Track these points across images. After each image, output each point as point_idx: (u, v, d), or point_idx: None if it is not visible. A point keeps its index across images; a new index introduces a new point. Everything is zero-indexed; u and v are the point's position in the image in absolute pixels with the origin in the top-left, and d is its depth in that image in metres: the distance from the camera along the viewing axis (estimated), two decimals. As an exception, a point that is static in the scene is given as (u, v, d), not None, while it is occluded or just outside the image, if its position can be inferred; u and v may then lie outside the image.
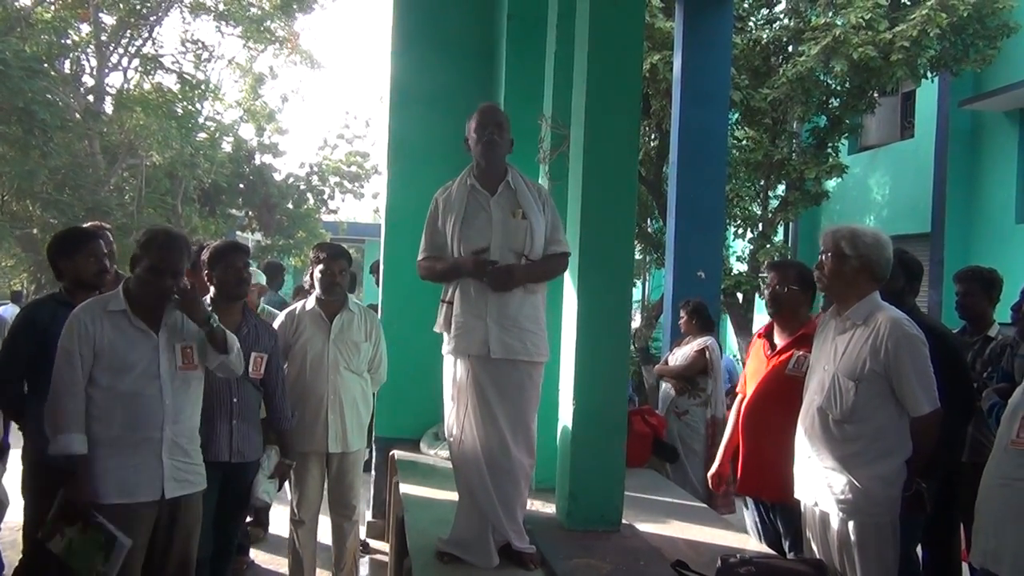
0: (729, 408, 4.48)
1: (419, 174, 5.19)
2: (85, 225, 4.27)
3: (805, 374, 3.44)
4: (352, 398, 4.39)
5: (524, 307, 3.26)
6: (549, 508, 3.96)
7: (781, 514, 3.69)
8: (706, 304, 6.24)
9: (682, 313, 6.06)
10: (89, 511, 2.94)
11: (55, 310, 3.44)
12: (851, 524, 3.07)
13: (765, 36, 10.18)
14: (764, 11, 10.55)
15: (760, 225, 10.60)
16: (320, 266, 4.38)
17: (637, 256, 12.48)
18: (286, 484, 4.31)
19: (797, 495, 3.32)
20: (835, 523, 3.13)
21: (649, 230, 11.90)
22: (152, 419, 3.03)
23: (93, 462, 2.97)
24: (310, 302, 4.46)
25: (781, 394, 3.58)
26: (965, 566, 3.96)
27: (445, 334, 3.32)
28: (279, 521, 5.43)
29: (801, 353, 3.58)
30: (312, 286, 5.70)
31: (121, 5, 15.10)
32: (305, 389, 4.32)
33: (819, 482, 3.17)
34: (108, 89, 15.48)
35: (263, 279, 5.55)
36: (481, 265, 3.21)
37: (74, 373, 2.97)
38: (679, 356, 6.04)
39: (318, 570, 4.65)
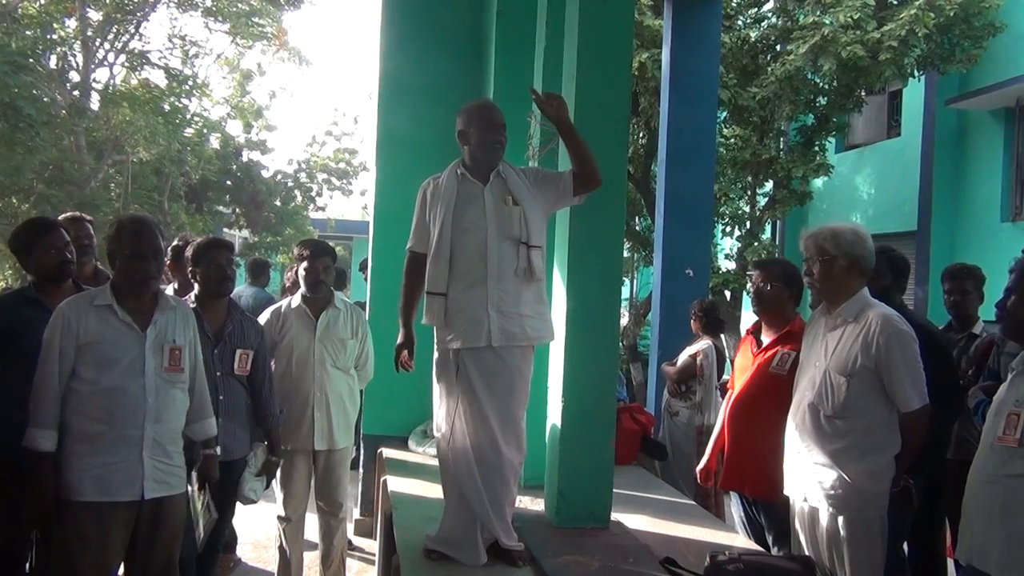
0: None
1: (408, 170, 5.15)
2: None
3: (789, 372, 3.46)
4: (338, 395, 4.38)
5: (525, 294, 3.25)
6: (538, 505, 3.96)
7: (765, 509, 3.71)
8: (718, 306, 6.25)
9: (693, 312, 6.05)
10: (57, 506, 2.91)
11: (18, 305, 3.38)
12: (840, 520, 3.10)
13: (753, 35, 10.20)
14: (752, 10, 10.57)
15: (748, 223, 10.63)
16: (304, 263, 4.37)
17: (626, 254, 12.49)
18: (273, 482, 4.29)
19: (787, 491, 3.33)
20: (824, 518, 3.15)
21: (637, 228, 11.91)
22: (133, 416, 2.98)
23: (72, 458, 2.94)
24: (296, 299, 4.44)
25: (766, 391, 3.60)
26: (950, 562, 3.98)
27: (439, 330, 3.30)
28: (266, 519, 5.41)
29: (785, 351, 3.60)
30: (295, 284, 5.70)
31: (107, 0, 14.99)
32: (291, 386, 4.30)
33: (809, 478, 3.19)
34: (94, 85, 15.37)
35: None
36: (405, 345, 3.38)
37: (52, 367, 2.94)
38: (681, 356, 6.05)
39: (305, 568, 4.64)
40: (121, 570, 3.19)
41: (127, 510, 3.00)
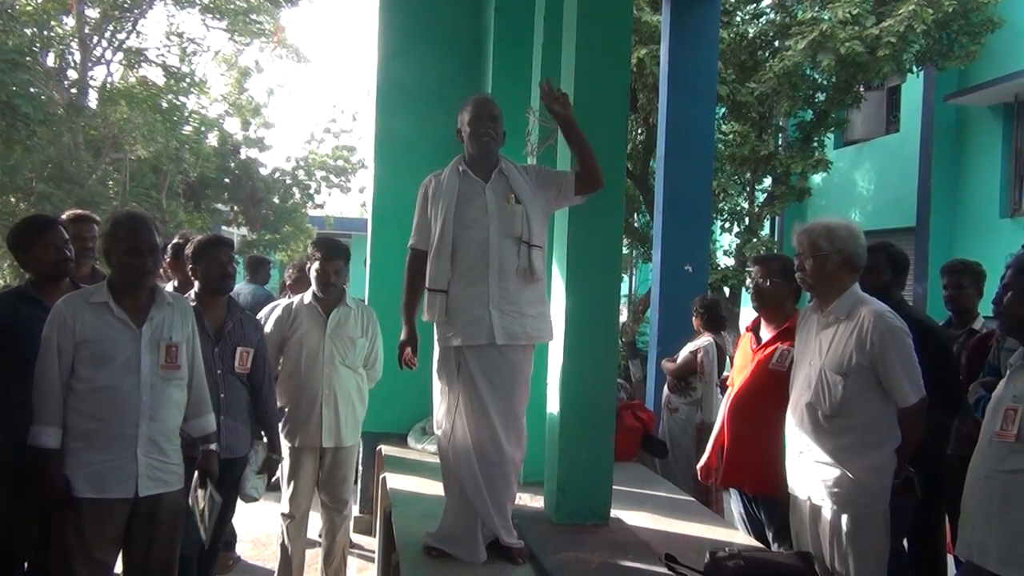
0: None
1: (406, 167, 5.16)
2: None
3: (788, 368, 3.46)
4: (347, 393, 4.37)
5: (526, 293, 3.25)
6: (537, 502, 3.96)
7: (764, 506, 3.71)
8: (719, 302, 6.25)
9: (694, 309, 6.06)
10: (67, 504, 2.91)
11: (15, 303, 3.37)
12: (845, 516, 3.09)
13: (752, 31, 10.20)
14: (751, 6, 10.56)
15: (747, 219, 10.64)
16: (316, 264, 4.35)
17: (624, 251, 12.49)
18: (280, 479, 4.29)
19: (790, 490, 3.33)
20: (828, 515, 3.14)
21: (636, 224, 11.91)
22: (128, 414, 2.97)
23: (67, 455, 2.93)
24: (307, 296, 4.43)
25: (766, 388, 3.60)
26: (950, 558, 3.99)
27: (440, 327, 3.30)
28: (265, 517, 5.41)
29: (785, 347, 3.60)
30: (297, 281, 5.68)
31: (104, -3, 14.97)
32: (300, 383, 4.31)
33: (812, 476, 3.19)
34: (92, 83, 15.34)
35: None
36: (408, 342, 3.36)
37: (50, 364, 2.93)
38: (682, 353, 6.06)
39: (305, 566, 4.63)
40: (120, 568, 3.19)
41: (121, 507, 3.00)
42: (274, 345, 4.32)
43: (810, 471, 3.19)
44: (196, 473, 3.32)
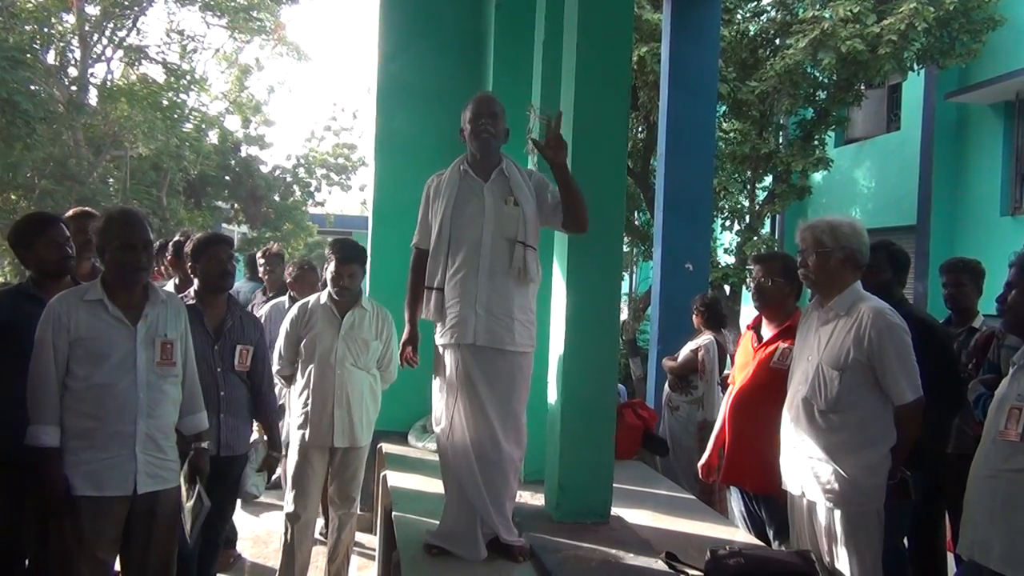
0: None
1: (407, 166, 5.16)
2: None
3: (789, 367, 3.46)
4: (359, 394, 4.37)
5: (516, 297, 3.23)
6: (538, 500, 3.95)
7: (765, 504, 3.71)
8: (719, 300, 6.25)
9: (695, 307, 6.05)
10: (68, 504, 2.90)
11: (16, 301, 3.36)
12: (837, 513, 3.10)
13: (753, 29, 10.19)
14: (752, 4, 10.55)
15: (747, 217, 10.64)
16: (331, 266, 4.35)
17: (625, 249, 12.48)
18: (280, 477, 4.28)
19: (784, 485, 3.33)
20: (821, 512, 3.15)
21: (637, 222, 11.91)
22: (125, 412, 2.97)
23: (65, 454, 2.92)
24: (323, 296, 4.43)
25: (767, 386, 3.59)
26: (951, 556, 3.99)
27: (437, 325, 3.30)
28: (266, 514, 5.42)
29: (786, 346, 3.60)
30: (298, 279, 5.68)
31: (105, -6, 14.97)
32: (313, 383, 4.31)
33: (805, 472, 3.19)
34: (92, 80, 15.35)
35: None
36: (410, 341, 3.39)
37: (46, 363, 2.92)
38: (683, 351, 6.06)
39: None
40: (119, 566, 3.19)
41: (120, 504, 2.99)
42: (291, 344, 4.35)
43: (803, 467, 3.19)
44: (186, 469, 3.32)
